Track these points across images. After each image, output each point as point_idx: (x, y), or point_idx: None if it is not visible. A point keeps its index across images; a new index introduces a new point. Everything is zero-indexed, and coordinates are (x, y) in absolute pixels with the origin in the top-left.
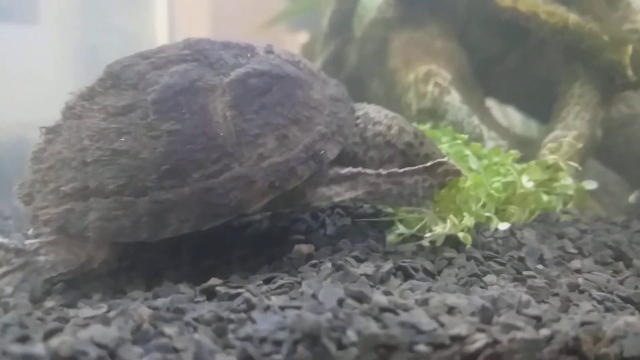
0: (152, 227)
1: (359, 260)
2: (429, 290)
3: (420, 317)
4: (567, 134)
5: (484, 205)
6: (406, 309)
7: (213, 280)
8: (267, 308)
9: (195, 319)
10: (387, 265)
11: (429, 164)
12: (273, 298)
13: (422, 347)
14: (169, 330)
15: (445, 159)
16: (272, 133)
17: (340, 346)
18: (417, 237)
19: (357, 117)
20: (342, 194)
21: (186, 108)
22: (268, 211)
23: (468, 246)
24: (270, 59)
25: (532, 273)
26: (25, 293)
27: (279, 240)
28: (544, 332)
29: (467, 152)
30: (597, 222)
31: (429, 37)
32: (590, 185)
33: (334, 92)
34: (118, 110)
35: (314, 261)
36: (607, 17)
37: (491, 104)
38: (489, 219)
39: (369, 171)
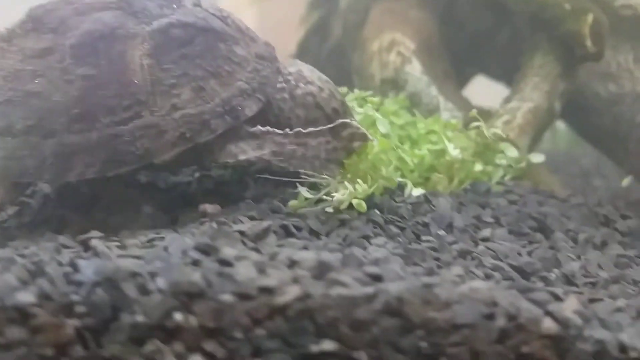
0: (57, 169)
1: (253, 219)
2: (304, 248)
3: (241, 269)
4: (522, 105)
5: (397, 171)
6: (239, 261)
7: (93, 233)
8: (102, 255)
9: (34, 263)
10: (266, 223)
11: (332, 124)
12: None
13: (226, 297)
14: None
15: (347, 120)
16: (188, 84)
17: (145, 292)
18: (325, 202)
19: (290, 74)
20: (247, 152)
21: (103, 54)
22: (179, 165)
23: (373, 211)
24: (197, 12)
25: (429, 238)
26: None
27: (197, 201)
28: (367, 290)
29: (378, 115)
30: (533, 194)
31: (405, 7)
32: (537, 158)
33: (261, 51)
34: (35, 53)
35: (204, 219)
36: None
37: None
38: (403, 184)
39: (276, 130)
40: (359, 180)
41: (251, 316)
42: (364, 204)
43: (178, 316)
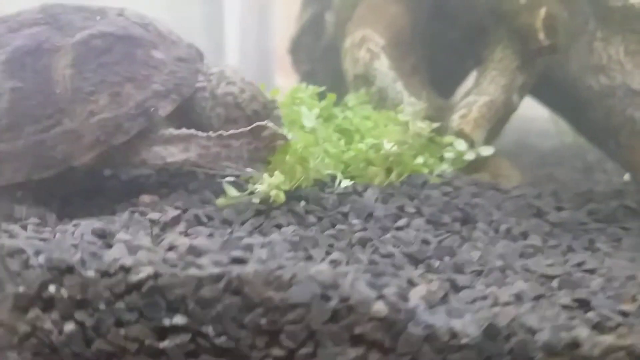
0: None
1: (179, 208)
2: (209, 235)
3: (115, 250)
4: (479, 99)
5: (330, 164)
6: (119, 243)
7: (31, 220)
8: (13, 236)
9: None
10: (175, 212)
11: (250, 127)
12: (45, 234)
13: (90, 273)
14: None
15: (264, 123)
16: (106, 90)
17: (26, 266)
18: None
19: (212, 74)
20: (175, 154)
21: (30, 68)
22: (107, 166)
23: (296, 202)
24: (118, 21)
25: (342, 227)
26: None
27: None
28: (212, 270)
29: (303, 110)
30: (471, 186)
31: (387, 2)
32: (487, 151)
33: (181, 53)
34: None
35: (134, 208)
36: None
37: None
38: (333, 176)
39: (200, 133)
40: (276, 172)
41: (112, 291)
42: (282, 195)
43: (52, 288)
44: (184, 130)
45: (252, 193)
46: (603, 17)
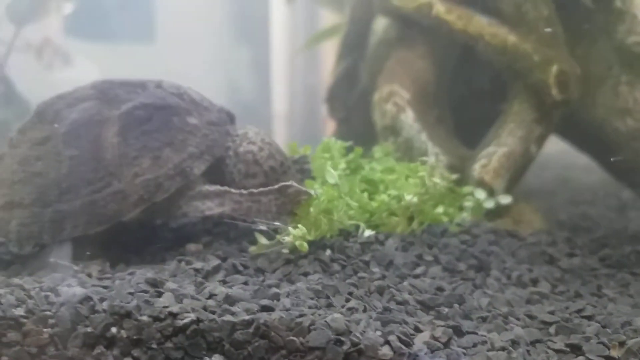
0: (53, 232)
1: (220, 258)
2: (244, 283)
3: (164, 298)
4: (498, 150)
5: (354, 215)
6: (168, 292)
7: (93, 268)
8: (82, 284)
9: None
10: (216, 262)
11: (277, 186)
12: (106, 281)
13: (144, 317)
14: None
15: (290, 183)
16: (147, 154)
17: (93, 311)
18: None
19: (237, 135)
20: (212, 208)
21: (84, 137)
22: (152, 219)
23: (322, 251)
24: (157, 93)
25: (363, 275)
26: None
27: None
28: (244, 317)
29: (328, 167)
30: (488, 234)
31: (414, 57)
32: (505, 199)
33: (213, 118)
34: (39, 141)
35: (181, 257)
36: (551, 37)
37: None
38: (357, 227)
39: (233, 190)
40: (299, 225)
41: (162, 333)
42: (305, 245)
43: (114, 329)
44: (218, 187)
45: (280, 243)
46: (628, 63)
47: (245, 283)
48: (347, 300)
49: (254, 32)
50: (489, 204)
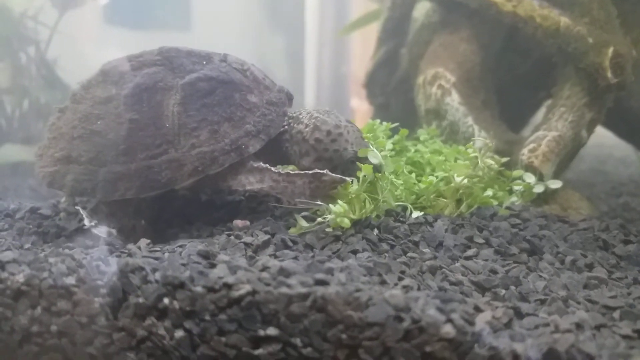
0: (105, 190)
1: (268, 233)
2: (295, 258)
3: (218, 270)
4: (548, 134)
5: (394, 194)
6: (221, 263)
7: (142, 241)
8: (129, 254)
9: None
10: (265, 237)
11: (311, 172)
12: (157, 253)
13: (198, 288)
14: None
15: (323, 172)
16: (206, 127)
17: (145, 281)
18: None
19: (291, 117)
20: (253, 183)
21: (146, 102)
22: (199, 189)
23: (369, 230)
24: (221, 67)
25: (413, 255)
26: None
27: (242, 216)
28: (300, 290)
29: (371, 148)
30: (539, 218)
31: (458, 40)
32: (555, 184)
33: (272, 97)
34: (101, 100)
35: (230, 232)
36: (605, 19)
37: None
38: (404, 207)
39: (273, 169)
40: (338, 201)
41: (216, 304)
42: (346, 221)
43: (166, 300)
44: (260, 164)
45: (321, 223)
46: None
47: (296, 258)
48: (400, 279)
49: (289, 20)
50: (539, 189)
